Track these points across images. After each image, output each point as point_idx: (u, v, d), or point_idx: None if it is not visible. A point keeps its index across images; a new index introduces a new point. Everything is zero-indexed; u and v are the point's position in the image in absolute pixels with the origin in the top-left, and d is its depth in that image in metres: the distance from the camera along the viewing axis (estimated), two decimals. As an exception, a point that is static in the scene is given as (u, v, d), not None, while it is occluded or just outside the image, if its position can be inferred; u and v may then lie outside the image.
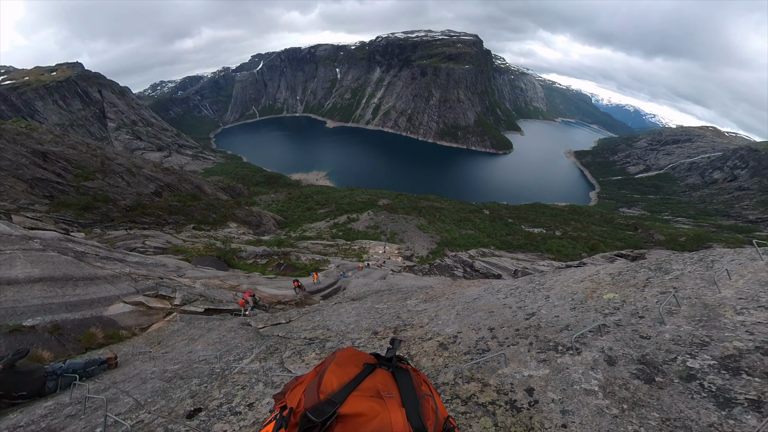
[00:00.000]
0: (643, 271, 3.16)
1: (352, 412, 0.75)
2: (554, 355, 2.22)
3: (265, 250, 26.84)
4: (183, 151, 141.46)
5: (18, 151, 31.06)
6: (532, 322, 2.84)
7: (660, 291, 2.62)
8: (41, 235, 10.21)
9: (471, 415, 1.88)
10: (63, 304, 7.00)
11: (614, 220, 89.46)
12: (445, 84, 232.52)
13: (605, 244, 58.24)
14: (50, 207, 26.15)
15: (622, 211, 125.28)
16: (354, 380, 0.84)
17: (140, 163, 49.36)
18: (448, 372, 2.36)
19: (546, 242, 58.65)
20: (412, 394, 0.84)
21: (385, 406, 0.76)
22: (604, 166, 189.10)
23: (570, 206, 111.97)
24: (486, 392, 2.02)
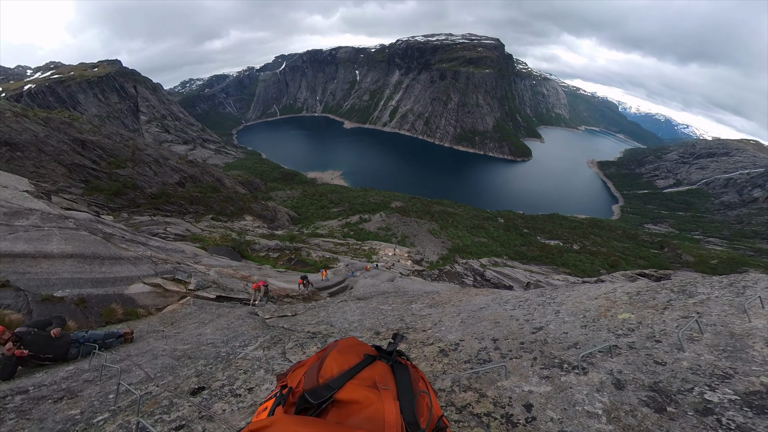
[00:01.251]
0: (665, 292, 2.98)
1: (347, 398, 0.77)
2: (558, 372, 2.14)
3: (278, 245, 27.47)
4: (206, 145, 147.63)
5: (61, 138, 33.56)
6: (538, 337, 2.77)
7: (681, 315, 2.47)
8: (75, 215, 10.95)
9: (464, 424, 1.84)
10: (90, 279, 7.48)
11: (638, 237, 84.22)
12: (464, 88, 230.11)
13: (627, 262, 55.10)
14: (85, 191, 28.04)
15: (647, 227, 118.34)
16: (353, 369, 0.87)
17: (167, 155, 51.95)
18: (446, 379, 2.33)
19: (562, 256, 56.42)
20: (409, 389, 0.85)
21: (380, 397, 0.78)
22: (630, 179, 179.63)
23: (590, 219, 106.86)
24: (482, 403, 1.98)
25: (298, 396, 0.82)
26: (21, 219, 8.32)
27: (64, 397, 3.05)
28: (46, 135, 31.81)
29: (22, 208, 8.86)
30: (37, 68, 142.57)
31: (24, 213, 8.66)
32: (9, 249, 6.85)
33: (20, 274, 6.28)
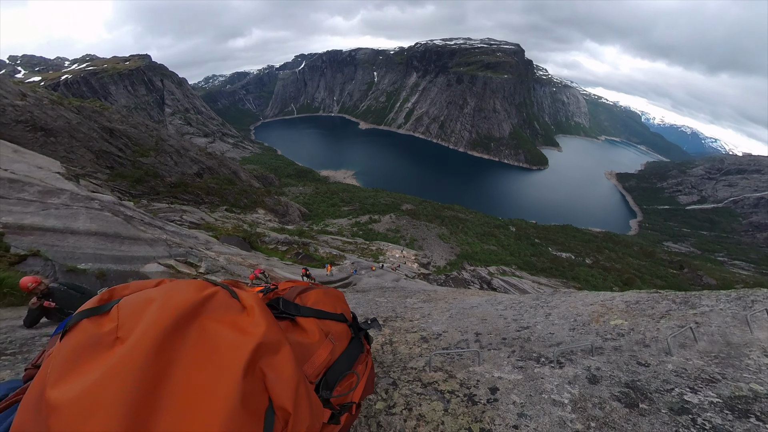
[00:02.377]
0: (666, 302, 2.92)
1: (302, 325, 0.87)
2: (533, 364, 2.15)
3: (287, 238, 28.05)
4: (225, 139, 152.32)
5: (91, 126, 35.56)
6: (522, 335, 2.78)
7: (678, 324, 2.43)
8: (100, 197, 11.63)
9: (425, 396, 1.88)
10: (110, 256, 7.99)
11: (656, 255, 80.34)
12: (481, 93, 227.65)
13: (642, 281, 52.64)
14: (109, 176, 29.64)
15: (666, 245, 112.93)
16: (324, 312, 0.95)
17: (188, 146, 54.02)
18: (420, 360, 2.37)
19: (573, 269, 54.72)
20: (348, 362, 0.91)
21: (323, 344, 0.85)
22: (650, 193, 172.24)
23: (605, 233, 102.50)
24: (449, 382, 2.01)
25: (275, 296, 0.95)
26: (53, 197, 8.97)
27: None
28: (78, 122, 33.80)
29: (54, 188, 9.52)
30: (74, 60, 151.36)
31: (56, 192, 9.31)
32: (41, 223, 7.43)
33: (49, 246, 6.81)
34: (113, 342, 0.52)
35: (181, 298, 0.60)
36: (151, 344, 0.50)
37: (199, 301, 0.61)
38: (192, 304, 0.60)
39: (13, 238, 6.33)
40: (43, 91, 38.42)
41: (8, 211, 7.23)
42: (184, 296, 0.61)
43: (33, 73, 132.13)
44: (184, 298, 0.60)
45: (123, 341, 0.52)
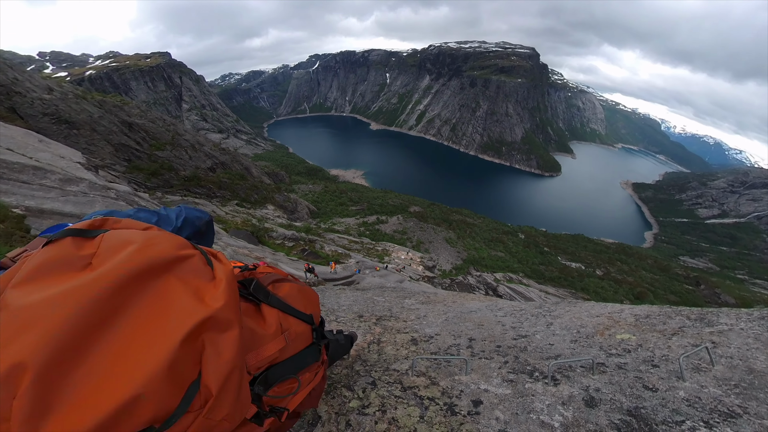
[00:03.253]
0: (679, 318, 2.71)
1: (264, 314, 0.84)
2: (526, 378, 1.99)
3: (294, 235, 28.34)
4: (239, 135, 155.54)
5: (112, 120, 36.94)
6: (518, 343, 2.63)
7: (692, 343, 2.21)
8: (117, 187, 12.02)
9: (402, 400, 1.79)
10: (121, 243, 8.23)
11: (671, 269, 76.91)
12: (494, 96, 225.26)
13: (655, 295, 50.57)
14: (127, 169, 30.67)
15: (682, 260, 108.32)
16: (291, 308, 0.92)
17: (202, 141, 55.40)
18: (405, 363, 2.27)
19: (583, 280, 53.18)
20: (295, 366, 0.87)
21: (275, 338, 0.82)
22: (668, 205, 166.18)
23: (618, 244, 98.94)
24: (430, 389, 1.90)
25: (251, 275, 0.93)
26: (72, 185, 9.30)
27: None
28: (99, 116, 35.16)
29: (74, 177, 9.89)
30: (98, 56, 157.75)
31: (75, 180, 9.67)
32: (60, 209, 7.73)
33: (64, 231, 7.06)
34: (85, 267, 0.54)
35: (159, 249, 0.60)
36: (112, 281, 0.50)
37: (173, 257, 0.62)
38: (165, 258, 0.60)
39: (34, 221, 6.60)
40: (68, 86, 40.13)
41: (31, 195, 7.55)
42: (162, 249, 0.61)
43: (60, 69, 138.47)
44: (161, 250, 0.60)
45: (93, 269, 0.53)
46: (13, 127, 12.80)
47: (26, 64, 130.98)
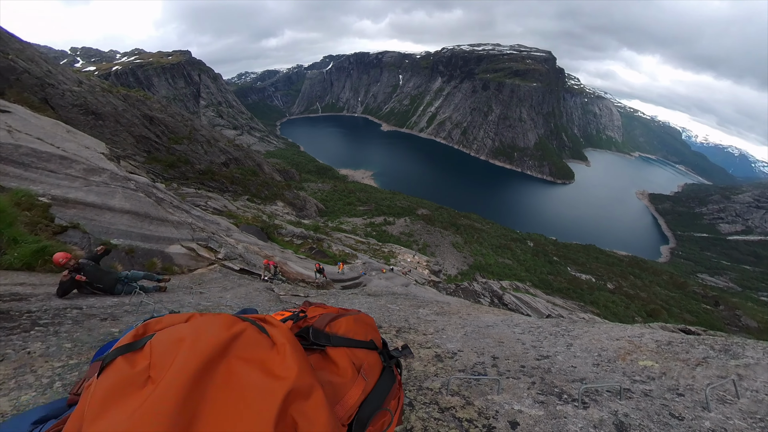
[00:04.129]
0: (702, 347, 2.70)
1: (333, 357, 0.82)
2: (555, 401, 2.02)
3: (303, 232, 28.67)
4: (252, 132, 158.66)
5: (134, 113, 38.32)
6: (542, 364, 2.65)
7: (718, 374, 2.22)
8: (136, 179, 12.46)
9: (443, 422, 1.80)
10: (139, 234, 8.50)
11: (688, 287, 73.62)
12: (507, 100, 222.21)
13: (669, 314, 48.25)
14: (146, 160, 31.74)
15: (701, 277, 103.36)
16: (354, 341, 0.90)
17: (217, 137, 56.78)
18: (436, 381, 2.31)
19: (593, 293, 51.71)
20: (380, 398, 0.85)
21: (354, 379, 0.80)
22: (687, 218, 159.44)
23: (632, 257, 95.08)
24: (467, 410, 1.93)
25: (305, 325, 0.91)
26: (95, 175, 9.69)
27: (108, 318, 3.57)
28: (123, 109, 36.54)
29: (97, 167, 10.30)
30: (124, 53, 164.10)
31: (98, 171, 10.06)
32: (83, 198, 8.05)
33: (88, 220, 7.37)
34: (145, 381, 0.53)
35: (209, 337, 0.59)
36: (181, 387, 0.50)
37: (227, 339, 0.61)
38: (220, 344, 0.59)
39: (58, 210, 6.90)
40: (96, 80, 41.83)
41: (57, 184, 7.90)
42: (213, 335, 0.60)
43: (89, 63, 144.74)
44: (211, 337, 0.60)
45: (154, 381, 0.52)
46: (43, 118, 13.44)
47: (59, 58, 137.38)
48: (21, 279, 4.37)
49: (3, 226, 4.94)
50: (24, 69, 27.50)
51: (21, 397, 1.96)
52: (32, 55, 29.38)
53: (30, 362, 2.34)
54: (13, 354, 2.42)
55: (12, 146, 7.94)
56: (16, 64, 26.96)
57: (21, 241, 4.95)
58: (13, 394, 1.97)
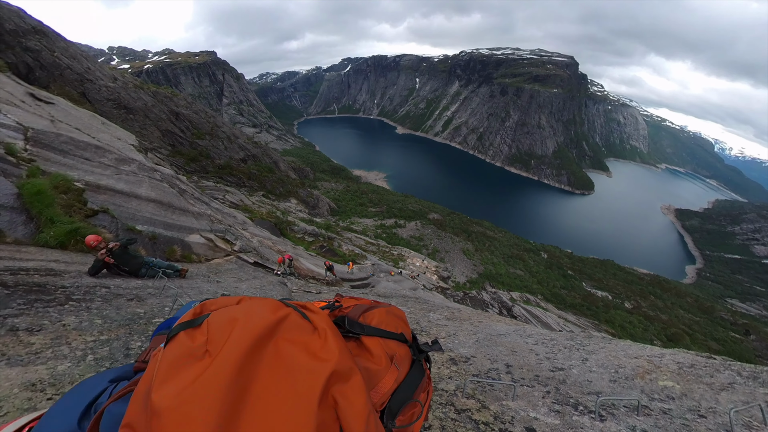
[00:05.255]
0: (728, 373, 2.56)
1: (368, 345, 0.86)
2: (571, 411, 1.98)
3: (314, 230, 29.07)
4: (271, 131, 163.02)
5: (162, 109, 40.26)
6: (557, 375, 2.59)
7: (744, 400, 2.11)
8: (162, 170, 13.05)
9: (460, 423, 1.81)
10: (162, 222, 8.88)
11: (715, 312, 68.62)
12: (526, 106, 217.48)
13: (692, 339, 45.27)
14: (170, 153, 33.26)
15: (730, 302, 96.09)
16: (386, 332, 0.94)
17: (237, 134, 58.67)
18: (450, 383, 2.31)
19: (608, 311, 49.33)
20: (411, 389, 0.87)
21: (388, 367, 0.83)
22: (717, 237, 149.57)
23: (653, 276, 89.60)
24: (482, 413, 1.93)
25: (341, 314, 0.96)
26: (125, 165, 10.22)
27: (134, 299, 3.74)
28: (152, 105, 38.46)
29: (127, 157, 10.86)
30: (156, 53, 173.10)
31: (128, 161, 10.61)
32: (113, 185, 8.51)
33: (117, 206, 7.78)
34: (203, 354, 0.59)
35: (260, 318, 0.65)
36: (235, 361, 0.55)
37: (274, 322, 0.66)
38: (269, 325, 0.64)
39: (91, 195, 7.32)
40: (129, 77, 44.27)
41: (91, 171, 8.39)
42: (262, 317, 0.65)
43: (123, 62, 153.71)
44: (262, 318, 0.65)
45: (211, 355, 0.58)
46: (82, 110, 14.33)
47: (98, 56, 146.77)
48: (55, 256, 4.66)
49: (42, 207, 5.26)
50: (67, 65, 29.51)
51: (57, 366, 2.07)
52: (74, 53, 31.50)
53: (65, 334, 2.48)
54: (50, 325, 2.56)
55: (54, 134, 8.50)
56: (60, 61, 28.98)
57: (57, 222, 5.28)
58: (50, 363, 2.08)
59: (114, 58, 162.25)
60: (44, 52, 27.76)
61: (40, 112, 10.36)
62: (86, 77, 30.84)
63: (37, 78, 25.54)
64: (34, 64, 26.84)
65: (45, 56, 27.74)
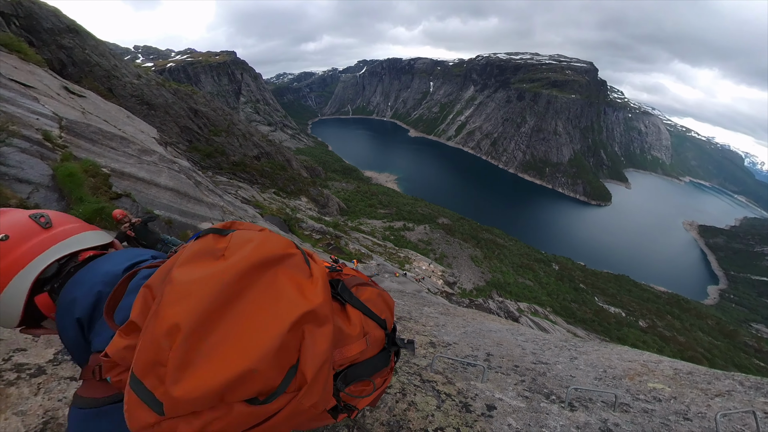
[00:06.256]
0: (729, 381, 2.40)
1: (349, 313, 0.90)
2: (541, 398, 1.94)
3: (322, 228, 29.42)
4: (285, 130, 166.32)
5: (182, 106, 41.87)
6: (538, 369, 2.52)
7: (740, 407, 1.99)
8: (180, 162, 13.62)
9: (421, 390, 1.85)
10: (178, 209, 9.34)
11: (738, 337, 63.96)
12: (542, 112, 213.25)
13: (711, 365, 41.98)
14: (188, 148, 34.48)
15: (755, 327, 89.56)
16: (371, 312, 0.97)
17: (252, 132, 60.22)
18: (423, 360, 2.31)
19: (621, 329, 47.29)
20: (371, 369, 0.91)
21: (358, 339, 0.87)
22: (743, 257, 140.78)
23: (672, 295, 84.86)
24: (447, 386, 1.93)
25: (337, 276, 1.00)
26: (147, 156, 10.77)
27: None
28: (173, 101, 40.06)
29: (149, 149, 11.43)
30: (178, 52, 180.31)
31: (150, 152, 11.16)
32: (135, 173, 9.03)
33: (138, 192, 8.28)
34: (219, 256, 0.70)
35: (271, 247, 0.73)
36: (238, 270, 0.65)
37: (282, 254, 0.74)
38: (276, 255, 0.72)
39: (115, 180, 7.84)
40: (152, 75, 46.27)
41: (116, 159, 8.95)
42: (273, 247, 0.74)
43: (148, 60, 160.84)
44: (273, 247, 0.73)
45: (225, 259, 0.69)
46: (110, 104, 15.14)
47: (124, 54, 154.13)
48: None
49: (73, 187, 5.93)
50: (96, 62, 31.19)
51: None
52: (103, 51, 33.26)
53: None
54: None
55: (84, 125, 9.09)
56: (90, 58, 30.66)
57: (85, 201, 5.93)
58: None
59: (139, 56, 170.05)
60: (76, 49, 29.48)
61: (73, 104, 11.03)
62: (113, 74, 32.52)
63: (69, 73, 27.13)
64: (67, 61, 28.53)
65: (77, 53, 29.44)
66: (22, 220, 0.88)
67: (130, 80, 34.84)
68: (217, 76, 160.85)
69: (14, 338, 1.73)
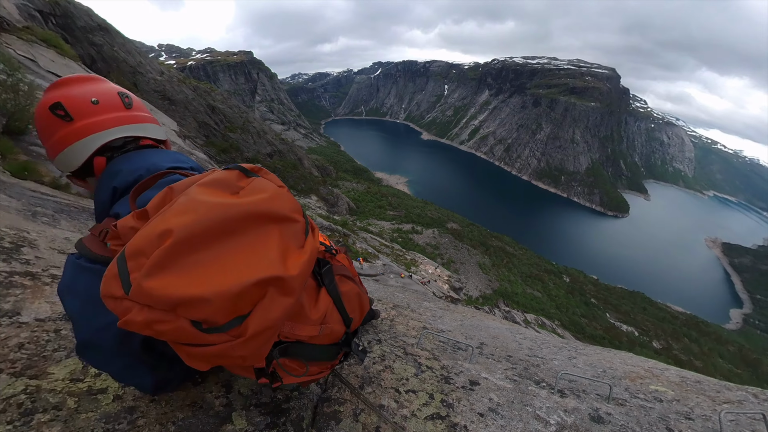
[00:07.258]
0: (741, 393, 2.13)
1: (320, 296, 0.94)
2: (530, 383, 1.85)
3: (331, 226, 29.56)
4: (298, 129, 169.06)
5: (200, 102, 43.17)
6: (532, 361, 2.37)
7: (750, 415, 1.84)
8: (198, 154, 14.23)
9: (402, 359, 1.83)
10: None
11: (762, 366, 59.61)
12: (559, 119, 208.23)
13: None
14: (204, 143, 35.49)
15: None
16: (341, 305, 1.00)
17: (266, 130, 61.42)
18: (412, 339, 2.25)
19: (633, 348, 45.12)
20: (313, 356, 0.95)
21: (315, 324, 0.90)
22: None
23: (690, 316, 79.68)
24: (431, 361, 1.87)
25: (329, 258, 1.06)
26: (163, 148, 11.17)
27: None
28: (192, 98, 41.35)
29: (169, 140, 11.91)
30: (199, 51, 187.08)
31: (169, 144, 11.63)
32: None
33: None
34: (234, 193, 0.76)
35: (279, 204, 0.77)
36: (242, 212, 0.69)
37: (285, 216, 0.77)
38: (280, 215, 0.76)
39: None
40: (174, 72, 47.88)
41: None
42: (281, 205, 0.78)
43: (170, 58, 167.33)
44: (280, 205, 0.77)
45: (238, 197, 0.74)
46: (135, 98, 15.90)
47: (149, 52, 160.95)
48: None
49: None
50: (123, 59, 32.56)
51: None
52: (130, 49, 34.70)
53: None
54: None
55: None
56: (118, 55, 32.03)
57: None
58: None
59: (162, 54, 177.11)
60: (105, 46, 30.89)
61: (98, 96, 11.60)
62: (138, 70, 33.85)
63: (98, 68, 28.42)
64: (97, 56, 29.92)
65: (106, 50, 30.84)
66: (112, 93, 1.07)
67: (153, 76, 36.19)
68: (235, 75, 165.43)
69: (53, 258, 1.95)
